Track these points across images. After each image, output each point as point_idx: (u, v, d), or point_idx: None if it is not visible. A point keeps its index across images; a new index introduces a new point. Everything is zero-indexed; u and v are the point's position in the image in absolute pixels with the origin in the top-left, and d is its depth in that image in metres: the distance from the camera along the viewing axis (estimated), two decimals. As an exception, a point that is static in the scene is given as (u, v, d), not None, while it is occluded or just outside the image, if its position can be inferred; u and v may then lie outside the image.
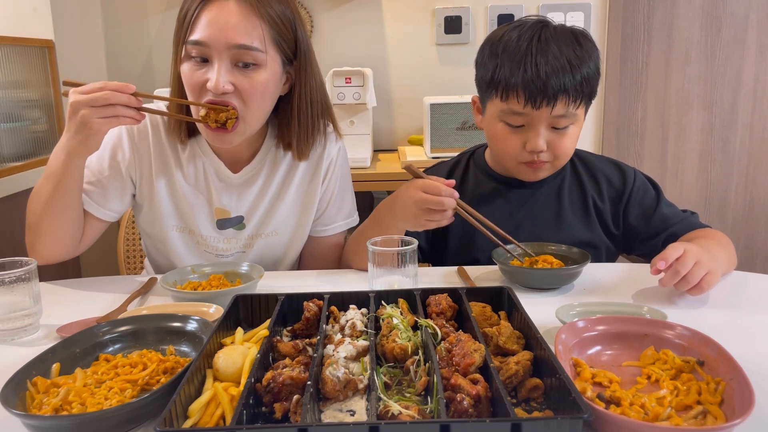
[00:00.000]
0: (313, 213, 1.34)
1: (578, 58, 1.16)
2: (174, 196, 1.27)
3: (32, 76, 2.02)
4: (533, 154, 1.20)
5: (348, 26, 2.58)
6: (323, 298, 0.89)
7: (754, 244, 2.70)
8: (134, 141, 1.24)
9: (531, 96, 1.15)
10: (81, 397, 0.71)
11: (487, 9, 2.54)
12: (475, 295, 0.92)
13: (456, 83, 2.59)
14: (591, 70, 1.18)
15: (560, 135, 1.20)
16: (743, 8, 2.54)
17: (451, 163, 1.41)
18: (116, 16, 2.58)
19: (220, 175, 1.27)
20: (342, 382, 0.69)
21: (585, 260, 1.11)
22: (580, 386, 0.71)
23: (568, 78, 1.15)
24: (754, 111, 2.63)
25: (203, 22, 1.09)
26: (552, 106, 1.16)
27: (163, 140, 1.26)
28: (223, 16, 1.08)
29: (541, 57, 1.15)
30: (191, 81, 1.11)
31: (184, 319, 0.87)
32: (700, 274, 1.00)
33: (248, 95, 1.12)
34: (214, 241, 1.29)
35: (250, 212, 1.29)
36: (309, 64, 1.21)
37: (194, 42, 1.09)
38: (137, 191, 1.27)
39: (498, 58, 1.19)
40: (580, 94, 1.17)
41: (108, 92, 1.00)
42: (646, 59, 2.61)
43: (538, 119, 1.18)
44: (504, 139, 1.23)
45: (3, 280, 0.94)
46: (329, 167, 1.33)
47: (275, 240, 1.32)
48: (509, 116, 1.20)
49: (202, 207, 1.27)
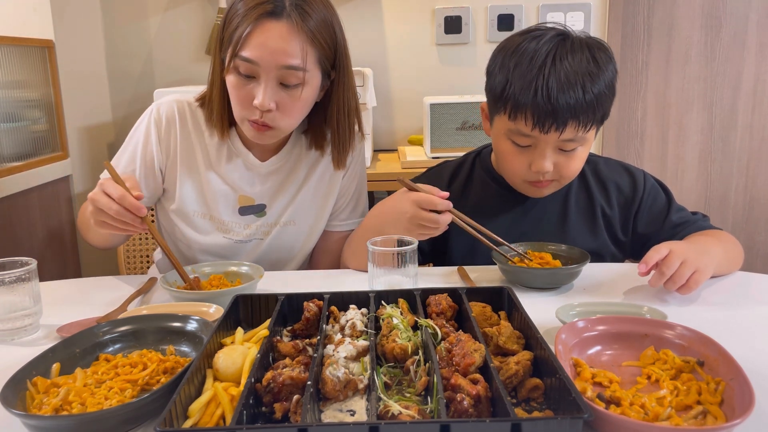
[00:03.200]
0: (331, 206, 1.37)
1: (592, 80, 1.11)
2: (200, 183, 1.30)
3: (32, 76, 2.02)
4: (539, 174, 1.19)
5: (348, 26, 2.54)
6: (323, 298, 0.89)
7: (754, 244, 2.70)
8: (160, 132, 1.29)
9: (539, 120, 1.12)
10: (81, 397, 0.71)
11: (487, 9, 2.54)
12: (475, 295, 0.92)
13: (456, 83, 2.59)
14: (604, 90, 1.13)
15: (568, 157, 1.18)
16: (743, 8, 2.54)
17: (456, 164, 1.40)
18: (116, 16, 2.58)
19: (248, 165, 1.31)
20: (342, 382, 0.69)
21: (585, 260, 1.11)
22: (580, 386, 0.71)
23: (580, 104, 1.10)
24: (754, 111, 2.63)
25: (256, 41, 1.11)
26: (561, 131, 1.13)
27: (190, 129, 1.29)
28: (274, 37, 1.11)
29: (554, 80, 1.10)
30: (239, 94, 1.17)
31: (184, 319, 0.87)
32: (686, 273, 1.00)
33: (289, 111, 1.18)
34: (235, 226, 1.31)
35: (272, 200, 1.32)
36: (346, 74, 1.25)
37: (245, 59, 1.12)
38: (165, 179, 1.31)
39: (510, 74, 1.14)
40: (591, 119, 1.14)
41: (118, 208, 1.03)
42: (646, 59, 2.61)
43: (545, 142, 1.15)
44: (510, 157, 1.21)
45: (3, 280, 0.94)
46: (351, 163, 1.36)
47: (292, 230, 1.34)
48: (516, 136, 1.17)
49: (227, 195, 1.30)
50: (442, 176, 1.38)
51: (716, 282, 1.13)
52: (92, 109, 2.44)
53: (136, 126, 1.31)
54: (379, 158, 2.43)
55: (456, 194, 1.33)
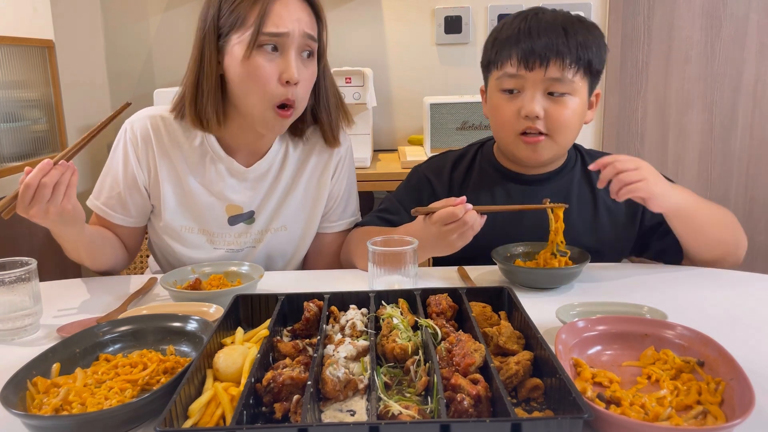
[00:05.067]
0: (321, 209, 1.35)
1: (573, 27, 1.18)
2: (184, 197, 1.27)
3: (32, 76, 2.02)
4: (529, 120, 1.19)
5: (348, 26, 2.58)
6: (323, 298, 0.89)
7: (754, 244, 2.70)
8: (137, 151, 1.25)
9: (523, 57, 1.17)
10: (81, 397, 0.71)
11: (487, 9, 2.54)
12: (475, 295, 0.92)
13: (456, 83, 2.59)
14: (587, 39, 1.18)
15: (557, 103, 1.19)
16: (743, 8, 2.54)
17: (459, 153, 1.41)
18: (116, 16, 2.58)
19: (233, 172, 1.28)
20: (342, 382, 0.69)
21: (585, 260, 1.11)
22: (581, 386, 0.71)
23: (561, 41, 1.16)
24: (754, 111, 2.63)
25: (279, 14, 1.12)
26: (545, 67, 1.16)
27: (167, 144, 1.26)
28: (294, 7, 1.14)
29: (536, 23, 1.18)
30: (266, 72, 1.13)
31: (184, 319, 0.87)
32: (633, 177, 1.06)
33: (307, 85, 1.19)
34: (226, 236, 1.30)
35: (260, 206, 1.30)
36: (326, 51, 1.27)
37: (273, 34, 1.12)
38: (150, 197, 1.29)
39: (497, 33, 1.23)
40: (576, 59, 1.17)
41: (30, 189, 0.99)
42: (646, 59, 2.61)
43: (532, 82, 1.18)
44: (501, 109, 1.22)
45: (3, 280, 0.94)
46: (339, 163, 1.35)
47: (284, 236, 1.33)
48: (504, 81, 1.21)
49: (214, 206, 1.28)
50: (444, 164, 1.38)
51: (716, 282, 1.13)
52: (92, 109, 2.44)
53: (113, 150, 1.28)
54: (379, 158, 2.43)
55: (458, 182, 1.35)
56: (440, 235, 1.09)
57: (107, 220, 1.27)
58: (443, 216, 1.08)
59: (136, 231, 1.32)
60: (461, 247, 1.12)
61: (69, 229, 1.11)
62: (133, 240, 1.33)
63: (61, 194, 1.02)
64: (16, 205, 1.01)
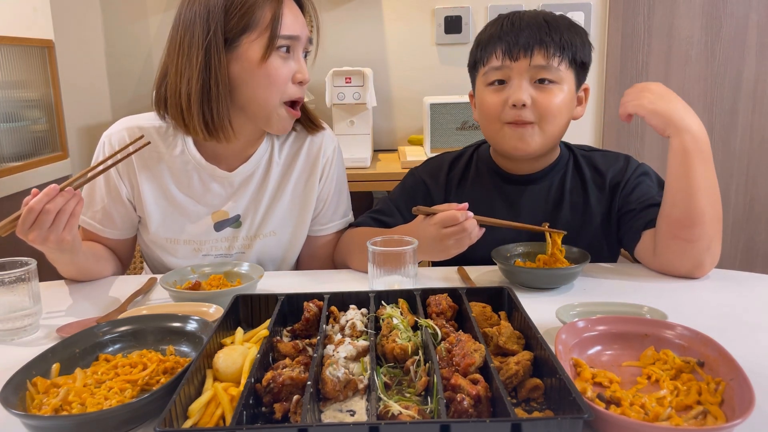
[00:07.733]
0: (311, 212, 1.34)
1: (555, 21, 1.21)
2: (168, 208, 1.27)
3: (32, 76, 2.02)
4: (516, 110, 1.18)
5: (348, 26, 2.58)
6: (323, 298, 0.89)
7: (754, 244, 2.70)
8: (118, 165, 1.23)
9: (507, 48, 1.19)
10: (81, 397, 0.71)
11: (487, 9, 2.54)
12: (475, 295, 0.92)
13: (456, 83, 2.58)
14: (570, 31, 1.20)
15: (544, 91, 1.19)
16: (743, 8, 2.54)
17: (455, 155, 1.41)
18: (116, 16, 2.58)
19: (216, 178, 1.27)
20: (342, 382, 0.69)
21: (585, 260, 1.11)
22: (580, 386, 0.71)
23: (544, 31, 1.18)
24: (754, 111, 2.63)
25: (289, 18, 1.16)
26: (530, 56, 1.17)
27: (145, 155, 1.24)
28: (297, 12, 1.20)
29: (517, 19, 1.22)
30: (283, 73, 1.17)
31: (184, 319, 0.87)
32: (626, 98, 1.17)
33: (307, 82, 1.23)
34: (214, 242, 1.29)
35: (247, 210, 1.30)
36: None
37: (289, 37, 1.16)
38: (136, 209, 1.29)
39: (482, 34, 1.27)
40: (560, 48, 1.18)
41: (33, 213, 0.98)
42: (646, 59, 2.61)
43: (518, 72, 1.19)
44: (489, 102, 1.23)
45: (3, 280, 0.94)
46: (326, 166, 1.34)
47: (274, 241, 1.32)
48: (491, 74, 1.22)
49: (199, 214, 1.28)
50: (441, 166, 1.38)
51: (716, 282, 1.13)
52: (92, 109, 2.44)
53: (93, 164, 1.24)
54: (379, 158, 2.43)
55: (454, 183, 1.35)
56: (438, 237, 1.09)
57: (96, 234, 1.28)
58: (444, 218, 1.08)
59: (126, 242, 1.33)
60: (454, 255, 1.12)
61: (65, 256, 1.12)
62: (125, 251, 1.34)
63: (62, 223, 1.01)
64: (17, 227, 1.00)
